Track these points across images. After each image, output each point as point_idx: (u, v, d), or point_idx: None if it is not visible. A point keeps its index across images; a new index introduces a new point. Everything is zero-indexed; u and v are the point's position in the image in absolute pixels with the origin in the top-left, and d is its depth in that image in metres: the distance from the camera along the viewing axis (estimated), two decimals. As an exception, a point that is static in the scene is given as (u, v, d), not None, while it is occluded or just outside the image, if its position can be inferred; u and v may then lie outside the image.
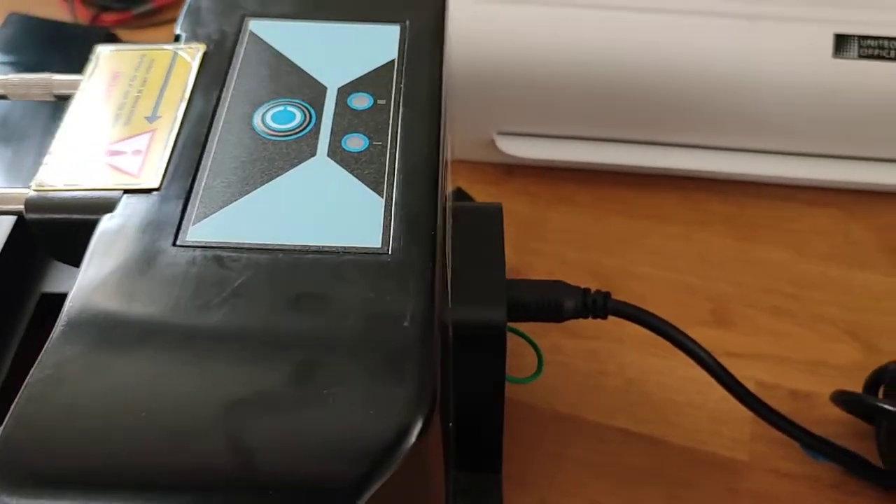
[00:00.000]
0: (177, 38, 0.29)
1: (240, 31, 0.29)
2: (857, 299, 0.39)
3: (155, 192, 0.24)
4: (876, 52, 0.38)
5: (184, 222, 0.23)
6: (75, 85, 0.28)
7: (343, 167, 0.25)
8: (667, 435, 0.36)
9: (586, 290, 0.32)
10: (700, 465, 0.35)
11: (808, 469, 0.35)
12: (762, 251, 0.41)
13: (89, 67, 0.28)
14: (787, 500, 0.34)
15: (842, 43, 0.38)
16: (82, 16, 0.55)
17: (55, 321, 0.38)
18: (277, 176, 0.25)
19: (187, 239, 0.23)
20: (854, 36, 0.38)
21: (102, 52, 0.28)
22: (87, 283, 0.22)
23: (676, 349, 0.33)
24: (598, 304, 0.32)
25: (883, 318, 0.39)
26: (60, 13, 0.55)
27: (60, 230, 0.24)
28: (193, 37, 0.29)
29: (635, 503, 0.34)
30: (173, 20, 0.55)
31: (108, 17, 0.56)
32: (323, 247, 0.23)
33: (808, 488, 0.34)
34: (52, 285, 0.38)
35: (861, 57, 0.38)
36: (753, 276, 0.40)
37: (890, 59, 0.39)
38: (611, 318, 0.32)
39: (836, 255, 0.41)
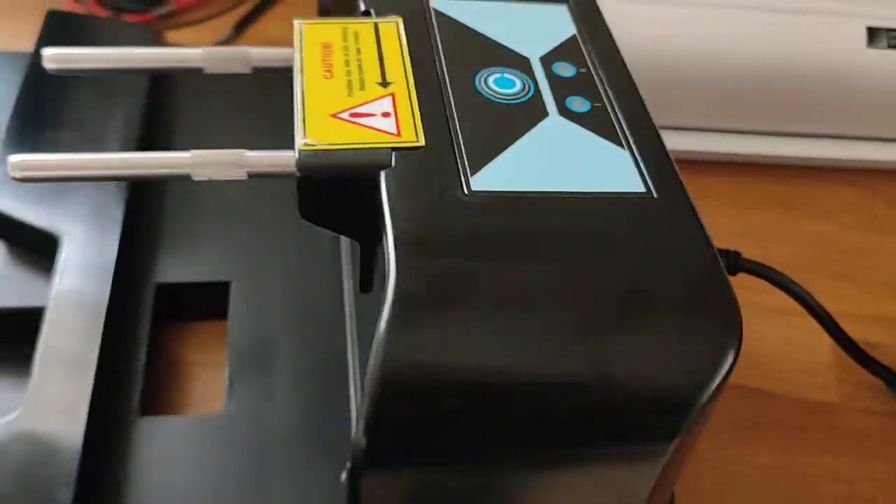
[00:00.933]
0: (366, 13, 0.30)
1: (424, 8, 0.30)
2: (896, 262, 0.45)
3: (421, 149, 0.25)
4: (902, 43, 0.44)
5: (462, 174, 0.24)
6: (273, 58, 0.29)
7: (579, 125, 0.27)
8: (767, 386, 0.39)
9: (720, 249, 0.35)
10: (801, 409, 0.39)
11: (892, 407, 0.39)
12: (809, 225, 0.46)
13: (295, 40, 0.28)
14: (878, 435, 0.38)
15: (874, 35, 0.44)
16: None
17: (173, 312, 0.37)
18: (524, 133, 0.26)
19: (475, 189, 0.24)
20: (884, 29, 0.44)
21: (300, 26, 0.29)
22: (405, 235, 0.22)
23: (756, 313, 0.37)
24: (730, 262, 0.35)
25: (922, 276, 0.44)
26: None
27: (334, 188, 0.25)
28: (380, 13, 0.30)
29: (761, 445, 0.37)
30: (196, 21, 0.55)
31: (127, 19, 0.54)
32: (598, 192, 0.25)
33: (894, 424, 0.39)
34: (165, 276, 0.37)
35: (890, 47, 0.44)
36: (807, 246, 0.45)
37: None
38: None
39: (868, 226, 0.46)
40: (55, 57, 0.28)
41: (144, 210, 0.39)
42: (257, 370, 0.35)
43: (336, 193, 0.25)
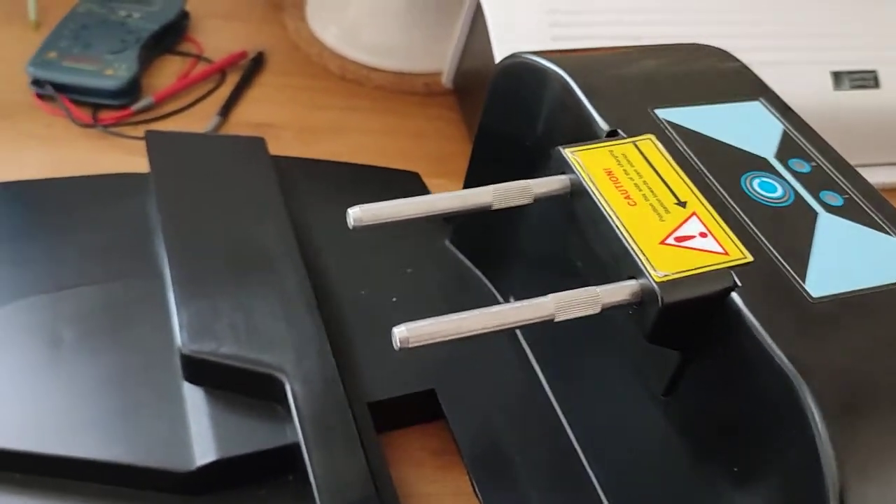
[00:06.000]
0: (613, 133, 0.32)
1: (658, 121, 0.33)
2: None
3: (751, 264, 0.28)
4: (860, 83, 0.51)
5: (797, 283, 0.27)
6: (553, 186, 0.30)
7: (846, 219, 0.30)
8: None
9: None
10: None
11: None
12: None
13: (577, 169, 0.30)
14: None
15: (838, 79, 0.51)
16: (80, 116, 0.52)
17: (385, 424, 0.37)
18: (813, 234, 0.29)
19: (815, 296, 0.27)
20: (845, 72, 0.51)
21: (570, 154, 0.31)
22: (795, 353, 0.25)
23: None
24: None
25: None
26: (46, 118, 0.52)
27: (689, 311, 0.27)
28: (625, 130, 0.32)
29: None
30: (176, 112, 0.55)
31: (107, 116, 0.53)
32: (906, 280, 0.28)
33: None
34: (372, 395, 0.38)
35: (853, 88, 0.51)
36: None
37: (871, 87, 0.52)
38: None
39: None
40: (361, 214, 0.28)
41: (338, 334, 0.39)
42: (499, 474, 0.36)
43: (683, 316, 0.27)
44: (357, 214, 0.29)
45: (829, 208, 0.31)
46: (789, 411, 0.24)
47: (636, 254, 0.27)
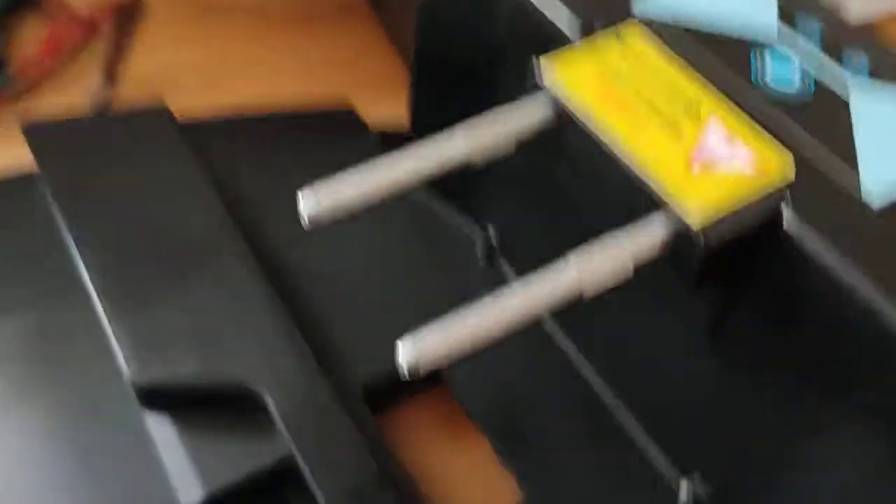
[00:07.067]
0: (589, 28, 0.27)
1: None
2: None
3: (796, 177, 0.23)
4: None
5: (853, 192, 0.23)
6: (536, 120, 0.25)
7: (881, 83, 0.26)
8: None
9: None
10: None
11: None
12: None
13: (561, 87, 0.25)
14: None
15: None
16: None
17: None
18: (852, 126, 0.25)
19: (878, 206, 0.23)
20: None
21: (548, 63, 0.25)
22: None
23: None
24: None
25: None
26: None
27: (735, 248, 0.22)
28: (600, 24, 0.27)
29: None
30: (46, 85, 0.46)
31: None
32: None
33: None
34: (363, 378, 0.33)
35: None
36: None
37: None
38: None
39: None
40: (318, 205, 0.23)
41: (306, 321, 0.34)
42: (526, 444, 0.32)
43: (730, 255, 0.23)
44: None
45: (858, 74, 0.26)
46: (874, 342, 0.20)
47: (661, 190, 0.22)
